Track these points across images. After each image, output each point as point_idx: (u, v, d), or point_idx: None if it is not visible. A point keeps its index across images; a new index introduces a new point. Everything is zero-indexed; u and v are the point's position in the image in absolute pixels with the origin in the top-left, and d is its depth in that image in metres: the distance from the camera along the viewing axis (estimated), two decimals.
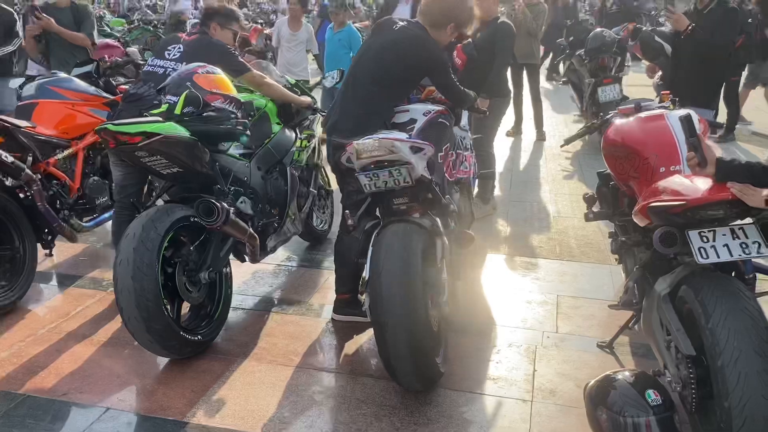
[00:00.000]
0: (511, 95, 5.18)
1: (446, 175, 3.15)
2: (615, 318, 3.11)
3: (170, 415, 2.56)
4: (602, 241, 4.24)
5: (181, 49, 3.56)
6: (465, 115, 3.70)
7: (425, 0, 3.25)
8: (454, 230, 3.00)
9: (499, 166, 6.15)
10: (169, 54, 3.55)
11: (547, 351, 3.03)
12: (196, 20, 13.98)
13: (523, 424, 2.52)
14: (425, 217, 2.81)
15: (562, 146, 3.66)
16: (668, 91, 3.24)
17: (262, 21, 15.20)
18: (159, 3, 18.72)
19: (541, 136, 7.48)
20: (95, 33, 4.89)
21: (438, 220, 2.85)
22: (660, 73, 5.97)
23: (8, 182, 3.46)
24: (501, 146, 7.14)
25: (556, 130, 7.96)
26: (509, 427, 2.50)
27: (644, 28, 5.81)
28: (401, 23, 3.20)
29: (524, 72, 7.43)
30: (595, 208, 3.25)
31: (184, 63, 3.43)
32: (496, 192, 5.28)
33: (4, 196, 3.39)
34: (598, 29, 7.88)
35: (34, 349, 3.05)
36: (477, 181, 4.21)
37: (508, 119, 7.82)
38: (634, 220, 2.48)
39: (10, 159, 3.29)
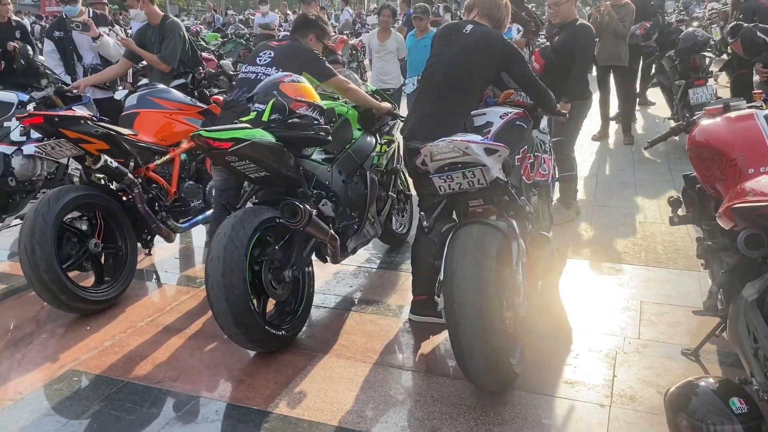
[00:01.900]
0: (592, 98, 5.07)
1: (524, 177, 3.15)
2: (702, 326, 3.00)
3: (255, 405, 2.70)
4: (691, 248, 4.08)
5: (272, 55, 3.74)
6: (544, 118, 3.68)
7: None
8: (531, 233, 3.00)
9: (584, 171, 6.03)
10: (260, 60, 3.74)
11: (628, 357, 2.97)
12: (286, 33, 14.53)
13: (600, 428, 2.48)
14: (501, 219, 2.82)
15: (645, 148, 3.59)
16: (760, 91, 3.09)
17: (348, 32, 15.59)
18: (251, 18, 19.53)
19: (628, 140, 7.26)
20: (181, 49, 5.04)
21: (514, 222, 2.86)
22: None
23: (113, 186, 3.78)
24: (586, 150, 7.00)
25: (644, 134, 7.68)
26: (586, 431, 2.47)
27: (745, 24, 5.48)
28: (470, 25, 3.26)
29: (611, 75, 7.24)
30: (681, 212, 3.15)
31: (274, 68, 3.60)
32: (580, 196, 5.18)
33: (109, 198, 3.69)
34: (690, 29, 7.57)
35: (134, 340, 3.29)
36: (557, 184, 4.16)
37: (595, 123, 7.66)
38: (719, 222, 2.40)
39: (115, 164, 3.57)
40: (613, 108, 7.76)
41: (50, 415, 2.70)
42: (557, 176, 3.59)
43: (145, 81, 6.14)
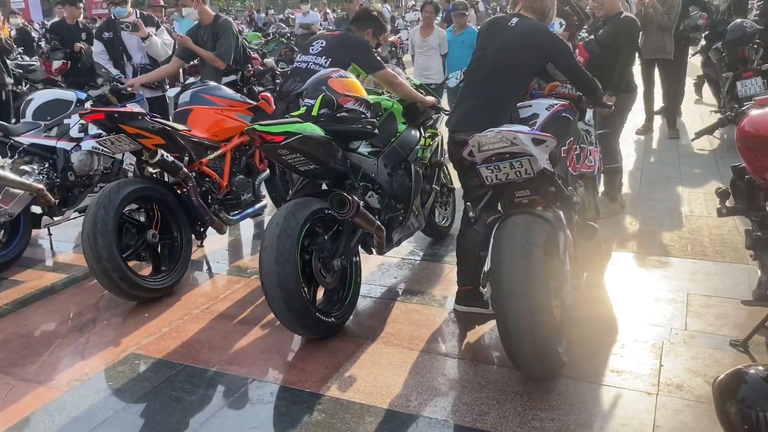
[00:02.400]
0: (637, 91, 5.04)
1: (570, 168, 3.18)
2: (751, 317, 2.99)
3: (307, 388, 2.80)
4: (739, 241, 4.03)
5: (323, 44, 3.84)
6: (590, 110, 3.69)
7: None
8: (578, 223, 3.02)
9: (629, 164, 5.99)
10: (312, 50, 3.85)
11: (675, 347, 2.97)
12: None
13: (648, 415, 2.51)
14: (547, 210, 2.86)
15: (693, 139, 3.55)
16: None
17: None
18: (291, 17, 19.78)
19: (673, 134, 7.15)
20: (236, 47, 5.22)
21: (561, 213, 2.90)
22: None
23: (168, 179, 3.94)
24: (631, 144, 6.93)
25: (690, 127, 7.56)
26: (633, 418, 2.50)
27: None
28: (515, 18, 3.30)
29: (655, 68, 7.15)
30: (729, 203, 3.13)
31: (324, 57, 3.71)
32: (625, 190, 5.16)
33: (165, 191, 3.85)
34: (738, 20, 7.40)
35: (190, 326, 3.44)
36: (602, 177, 4.16)
37: (639, 117, 7.57)
38: None
39: (171, 159, 3.72)
40: (658, 102, 7.65)
41: (115, 394, 2.85)
42: (603, 168, 3.60)
43: (192, 80, 6.34)
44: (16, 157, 4.50)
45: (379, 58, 3.89)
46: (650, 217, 4.75)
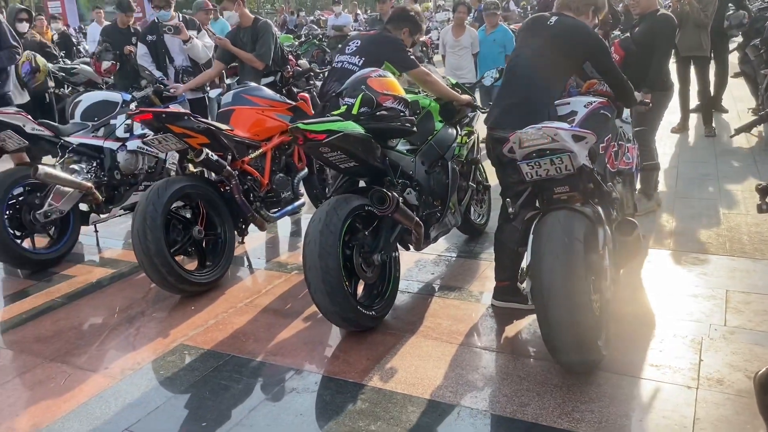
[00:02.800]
0: (674, 89, 5.02)
1: (608, 165, 3.21)
2: None
3: (350, 378, 2.89)
4: None
5: (358, 44, 3.93)
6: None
7: None
8: (617, 219, 3.05)
9: (664, 163, 5.96)
10: (348, 50, 3.95)
11: (714, 342, 2.98)
12: (356, 31, 14.80)
13: (688, 408, 2.53)
14: (587, 205, 2.90)
15: (732, 136, 3.54)
16: None
17: None
18: (321, 18, 19.96)
19: (710, 132, 7.07)
20: (274, 49, 5.35)
21: (600, 209, 2.93)
22: None
23: (212, 177, 4.06)
24: (667, 142, 6.89)
25: (727, 126, 7.47)
26: (673, 410, 2.52)
27: None
28: (554, 17, 3.33)
29: (691, 65, 7.09)
30: None
31: (358, 56, 3.80)
32: (661, 188, 5.15)
33: (209, 189, 3.98)
34: None
35: (235, 319, 3.55)
36: (639, 174, 4.17)
37: (675, 115, 7.51)
38: None
39: (215, 157, 3.85)
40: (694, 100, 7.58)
41: (166, 383, 2.97)
42: (640, 165, 3.61)
43: (230, 81, 6.49)
44: (65, 156, 4.68)
45: (412, 56, 3.96)
46: (687, 215, 4.73)
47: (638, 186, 4.56)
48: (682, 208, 4.87)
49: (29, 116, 4.65)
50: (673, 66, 7.38)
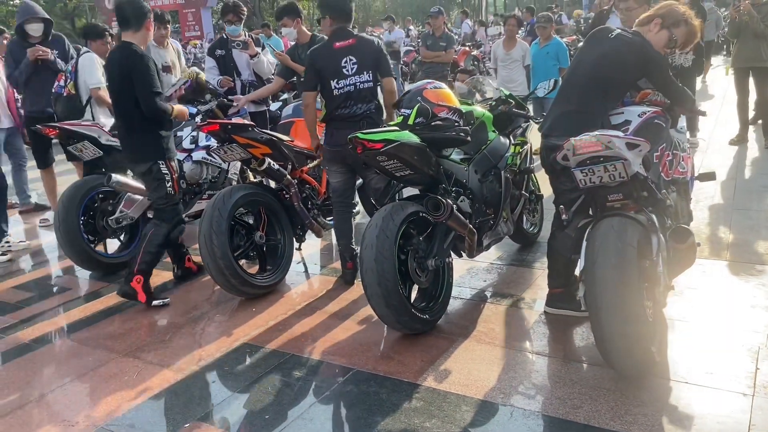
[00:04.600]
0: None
1: (662, 174, 3.22)
2: None
3: (405, 378, 2.99)
4: None
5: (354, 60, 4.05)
6: (682, 117, 3.71)
7: None
8: (671, 227, 3.06)
9: (722, 175, 5.87)
10: (347, 71, 4.03)
11: None
12: (408, 48, 14.98)
13: (743, 415, 2.53)
14: (640, 213, 2.93)
15: None
16: None
17: (470, 44, 15.87)
18: (373, 35, 20.27)
19: None
20: None
21: (654, 216, 2.96)
22: None
23: (273, 186, 4.25)
24: (724, 154, 6.77)
25: None
26: (728, 416, 2.52)
27: None
28: (617, 31, 3.36)
29: (749, 77, 6.96)
30: None
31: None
32: (718, 200, 5.09)
33: (271, 196, 4.17)
34: None
35: (294, 320, 3.70)
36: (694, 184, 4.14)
37: (733, 127, 7.37)
38: None
39: (276, 167, 4.04)
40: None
41: (231, 378, 3.14)
42: (696, 175, 3.60)
43: (286, 96, 6.71)
44: None
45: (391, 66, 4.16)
46: (746, 227, 4.66)
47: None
48: (740, 220, 4.80)
49: (104, 128, 4.95)
50: (731, 78, 7.26)
